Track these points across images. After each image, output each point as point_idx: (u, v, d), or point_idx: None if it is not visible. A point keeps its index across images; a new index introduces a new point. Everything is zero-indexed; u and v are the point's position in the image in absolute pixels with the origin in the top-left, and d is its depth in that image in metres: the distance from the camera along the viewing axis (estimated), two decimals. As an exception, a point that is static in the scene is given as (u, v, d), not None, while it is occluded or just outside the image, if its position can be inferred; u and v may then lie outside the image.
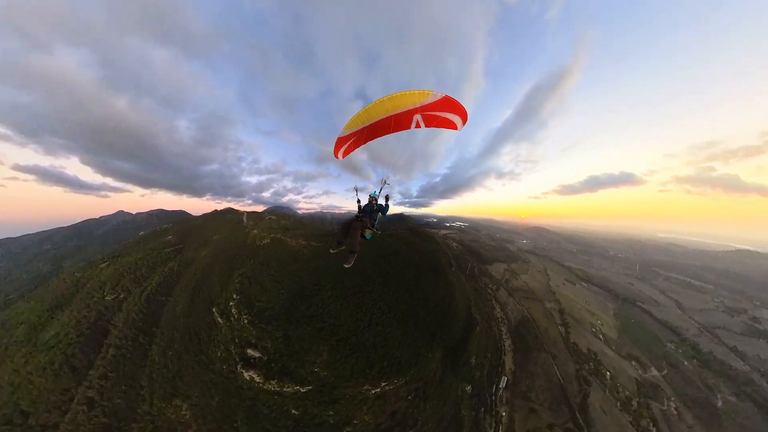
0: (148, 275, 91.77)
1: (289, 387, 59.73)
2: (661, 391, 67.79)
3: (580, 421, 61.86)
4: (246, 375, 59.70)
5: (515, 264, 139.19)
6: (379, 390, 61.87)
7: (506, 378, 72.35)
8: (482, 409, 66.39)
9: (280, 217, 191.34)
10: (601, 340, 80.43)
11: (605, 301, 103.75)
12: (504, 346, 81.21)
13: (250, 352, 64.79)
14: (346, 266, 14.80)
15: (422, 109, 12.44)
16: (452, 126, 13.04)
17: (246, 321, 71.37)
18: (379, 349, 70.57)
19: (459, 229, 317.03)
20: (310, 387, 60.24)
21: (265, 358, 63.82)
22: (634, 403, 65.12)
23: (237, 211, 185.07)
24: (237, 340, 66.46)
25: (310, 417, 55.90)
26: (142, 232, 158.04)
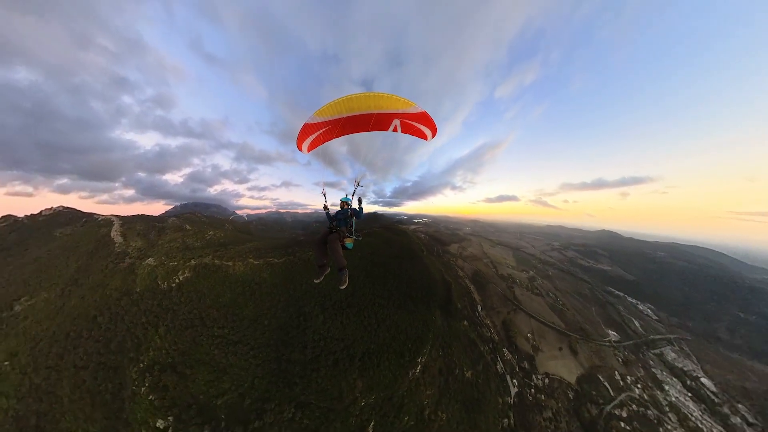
0: None
1: (351, 447, 47.82)
2: (535, 277, 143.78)
3: (517, 303, 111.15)
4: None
5: (463, 242, 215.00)
6: (420, 366, 64.43)
7: (479, 305, 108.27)
8: (478, 327, 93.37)
9: (205, 225, 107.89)
10: (510, 268, 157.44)
11: (508, 251, 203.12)
12: (470, 289, 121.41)
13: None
14: (342, 287, 12.65)
15: (402, 116, 13.07)
16: (423, 137, 14.26)
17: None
18: (398, 337, 69.10)
19: (425, 223, 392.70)
20: (373, 421, 51.55)
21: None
22: (529, 286, 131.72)
23: (92, 216, 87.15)
24: None
25: (396, 441, 50.45)
26: None
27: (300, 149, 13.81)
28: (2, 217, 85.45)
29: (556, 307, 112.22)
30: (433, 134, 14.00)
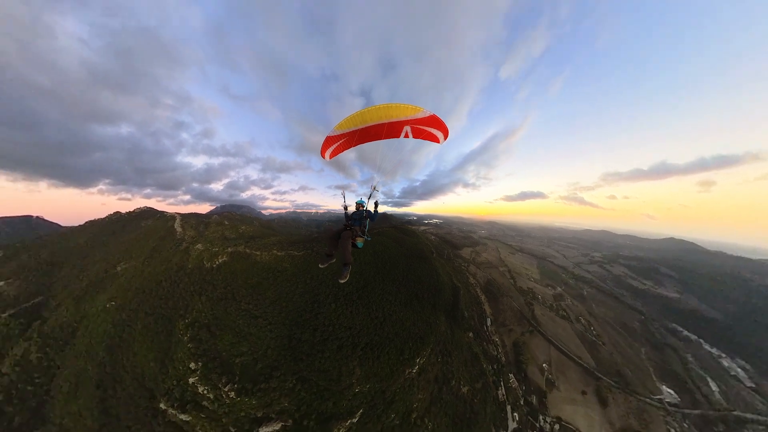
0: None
1: (339, 428, 51.02)
2: (563, 296, 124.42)
3: (535, 324, 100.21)
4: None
5: (478, 247, 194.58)
6: (417, 367, 64.55)
7: (489, 318, 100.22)
8: (484, 342, 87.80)
9: (238, 221, 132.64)
10: (532, 281, 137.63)
11: (532, 260, 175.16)
12: (481, 299, 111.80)
13: (264, 430, 47.22)
14: (342, 281, 13.59)
15: (412, 122, 13.41)
16: (435, 140, 14.45)
17: (233, 394, 50.37)
18: (401, 334, 70.25)
19: (435, 224, 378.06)
20: (362, 410, 54.56)
21: (290, 422, 49.00)
22: (554, 305, 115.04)
23: (162, 213, 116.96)
24: (233, 428, 46.37)
25: (378, 435, 52.37)
26: None
27: (323, 157, 15.46)
28: (114, 213, 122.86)
29: (587, 338, 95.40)
30: (445, 136, 14.13)
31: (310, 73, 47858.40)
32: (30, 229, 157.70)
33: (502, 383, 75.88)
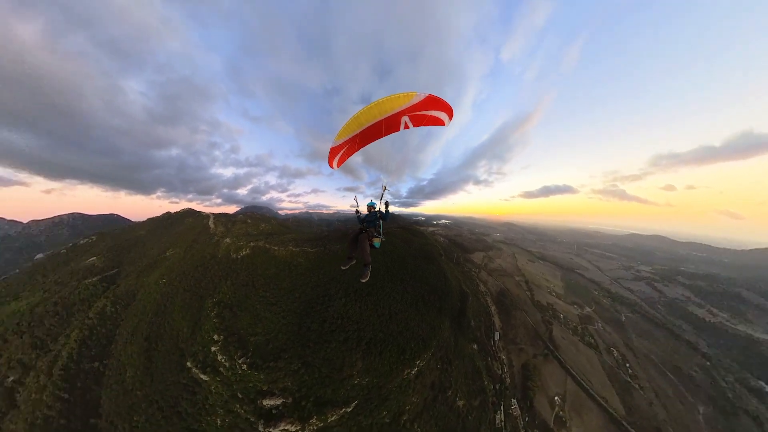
0: (59, 331, 60.13)
1: (333, 415, 54.14)
2: (592, 319, 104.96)
3: (551, 348, 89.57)
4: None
5: (491, 252, 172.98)
6: (416, 369, 64.26)
7: (498, 332, 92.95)
8: (489, 358, 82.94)
9: (259, 220, 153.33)
10: (554, 295, 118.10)
11: (555, 271, 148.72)
12: (491, 310, 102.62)
13: (267, 402, 51.97)
14: (363, 281, 14.11)
15: (409, 111, 12.56)
16: (440, 122, 13.33)
17: (245, 366, 56.56)
18: (404, 334, 70.51)
19: (444, 225, 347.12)
20: (357, 401, 56.88)
21: (290, 400, 53.01)
22: (579, 329, 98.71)
23: (200, 213, 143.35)
24: (240, 395, 52.05)
25: (367, 428, 54.13)
26: (39, 255, 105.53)
27: (331, 167, 15.88)
28: (165, 212, 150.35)
29: (619, 377, 77.88)
30: (450, 116, 13.10)
31: (313, 90, 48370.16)
32: (112, 223, 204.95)
33: (502, 407, 70.19)
